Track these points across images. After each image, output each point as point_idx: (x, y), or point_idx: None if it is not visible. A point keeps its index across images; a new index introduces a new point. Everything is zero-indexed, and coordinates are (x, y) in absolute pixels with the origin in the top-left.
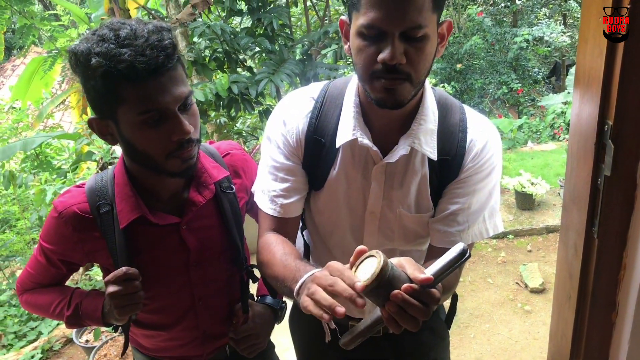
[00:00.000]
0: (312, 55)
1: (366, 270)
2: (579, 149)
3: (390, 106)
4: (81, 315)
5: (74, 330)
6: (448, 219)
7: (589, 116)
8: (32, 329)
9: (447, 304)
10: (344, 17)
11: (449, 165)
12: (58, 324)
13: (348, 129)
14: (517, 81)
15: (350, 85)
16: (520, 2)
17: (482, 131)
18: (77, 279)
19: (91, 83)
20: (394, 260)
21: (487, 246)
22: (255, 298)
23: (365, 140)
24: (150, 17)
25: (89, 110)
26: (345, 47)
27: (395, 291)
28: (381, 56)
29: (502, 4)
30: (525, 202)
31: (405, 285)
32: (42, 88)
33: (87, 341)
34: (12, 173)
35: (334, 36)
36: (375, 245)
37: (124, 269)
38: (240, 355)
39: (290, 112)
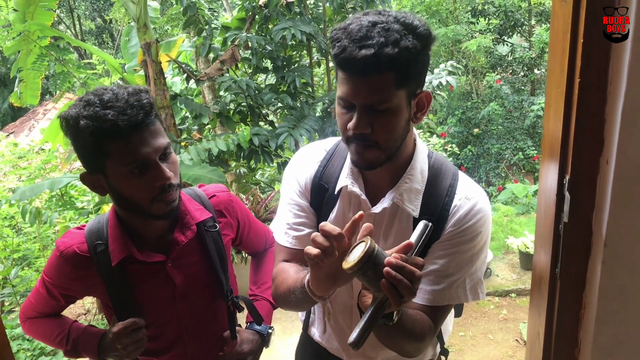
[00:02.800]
0: (331, 113)
1: (355, 253)
2: (545, 200)
3: (362, 167)
4: (79, 351)
5: None
6: (426, 278)
7: (552, 172)
8: None
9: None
10: None
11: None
12: None
13: (344, 177)
14: (533, 148)
15: None
16: (539, 72)
17: (468, 199)
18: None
19: (80, 142)
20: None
21: (489, 303)
22: (244, 326)
23: (355, 189)
24: (181, 70)
25: None
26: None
27: (386, 269)
28: (349, 125)
29: (521, 73)
30: (529, 262)
31: (388, 259)
32: None
33: None
34: (38, 210)
35: None
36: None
37: (132, 320)
38: None
39: (305, 159)
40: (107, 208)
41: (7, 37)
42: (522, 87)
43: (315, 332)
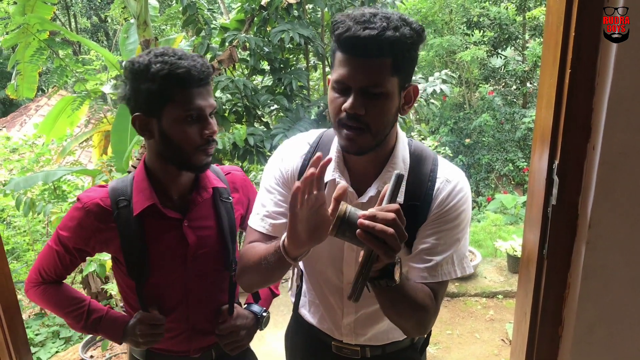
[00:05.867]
0: (326, 117)
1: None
2: (535, 184)
3: (352, 152)
4: (99, 331)
5: (80, 348)
6: (418, 257)
7: (542, 157)
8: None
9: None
10: (330, 77)
11: (418, 210)
12: (57, 352)
13: (330, 170)
14: (524, 160)
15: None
16: (531, 85)
17: (449, 181)
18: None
19: (145, 85)
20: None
21: (477, 304)
22: (243, 306)
23: (342, 181)
24: None
25: (109, 150)
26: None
27: (360, 220)
28: (344, 105)
29: (514, 86)
30: (516, 265)
31: (360, 213)
32: (67, 126)
33: (91, 357)
34: (32, 200)
35: None
36: (352, 278)
37: (158, 315)
38: (223, 359)
39: (289, 152)
40: None
41: (5, 29)
42: (514, 100)
43: (306, 313)
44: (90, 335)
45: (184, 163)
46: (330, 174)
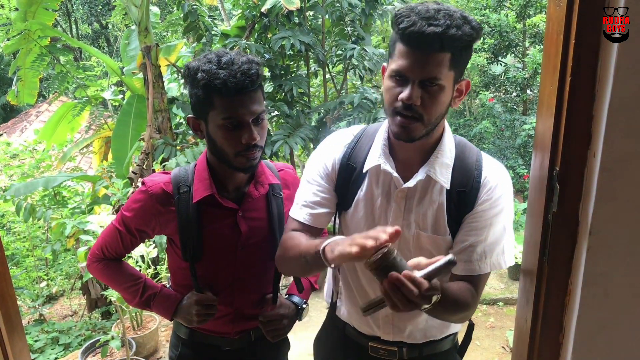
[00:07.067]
0: (326, 123)
1: (378, 255)
2: (535, 191)
3: (404, 139)
4: (152, 307)
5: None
6: (468, 250)
7: (543, 164)
8: None
9: (462, 333)
10: (385, 64)
11: (466, 197)
12: (56, 358)
13: (375, 157)
14: (524, 167)
15: (383, 126)
16: (531, 92)
17: (495, 171)
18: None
19: (194, 90)
20: (414, 260)
21: (477, 311)
22: (285, 296)
23: (388, 167)
24: (179, 75)
25: (109, 156)
26: (383, 88)
27: (393, 272)
28: (401, 95)
29: (514, 93)
30: (517, 272)
31: (393, 273)
32: (67, 132)
33: None
34: (32, 206)
35: (349, 107)
36: None
37: (213, 297)
38: (261, 343)
39: (334, 143)
40: (100, 209)
41: (6, 35)
42: (515, 107)
43: (345, 311)
44: (89, 342)
45: (229, 165)
46: (376, 159)
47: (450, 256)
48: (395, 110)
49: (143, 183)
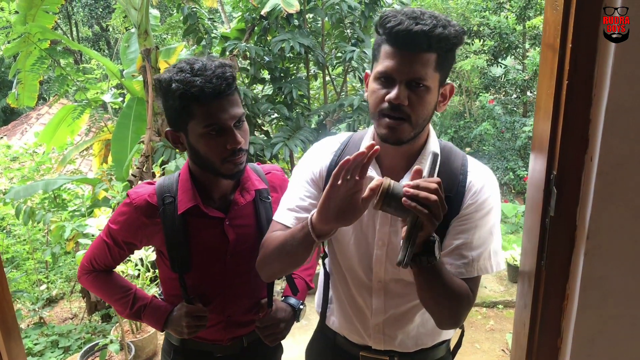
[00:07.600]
0: (326, 125)
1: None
2: (533, 195)
3: (391, 142)
4: (142, 318)
5: (79, 358)
6: (454, 253)
7: (540, 168)
8: None
9: (454, 340)
10: (368, 71)
11: (451, 202)
12: None
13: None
14: (524, 168)
15: (369, 132)
16: (531, 94)
17: (480, 175)
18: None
19: (170, 103)
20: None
21: (477, 314)
22: (281, 298)
23: (373, 173)
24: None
25: (109, 158)
26: (365, 94)
27: (405, 186)
28: (388, 96)
29: (514, 95)
30: (516, 274)
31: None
32: (67, 135)
33: None
34: (32, 209)
35: (349, 110)
36: (382, 276)
37: (202, 308)
38: (254, 348)
39: (320, 150)
40: (100, 212)
41: (6, 38)
42: (515, 109)
43: (335, 321)
44: (89, 346)
45: (216, 172)
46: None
47: (432, 152)
48: (382, 112)
49: (128, 195)
